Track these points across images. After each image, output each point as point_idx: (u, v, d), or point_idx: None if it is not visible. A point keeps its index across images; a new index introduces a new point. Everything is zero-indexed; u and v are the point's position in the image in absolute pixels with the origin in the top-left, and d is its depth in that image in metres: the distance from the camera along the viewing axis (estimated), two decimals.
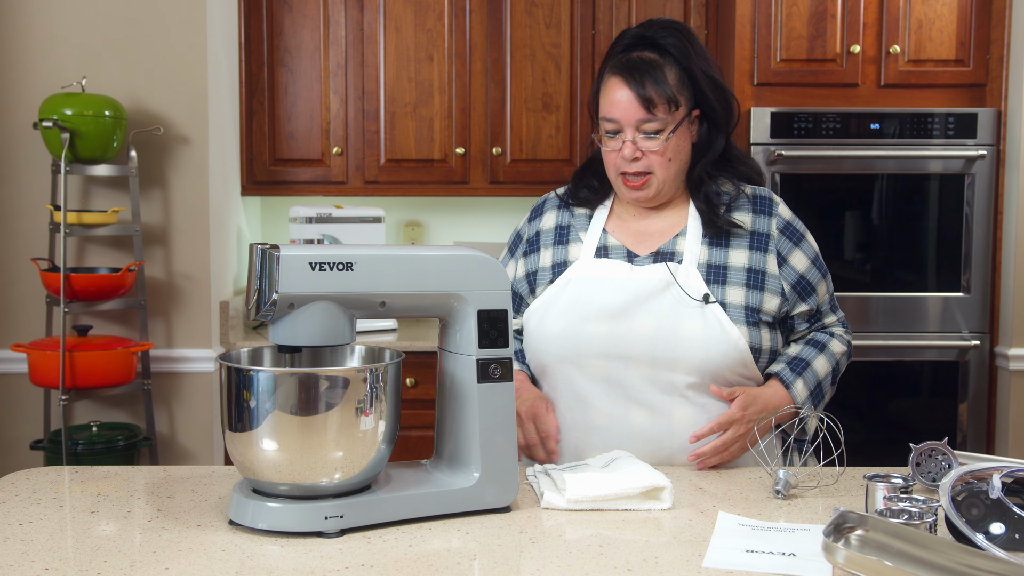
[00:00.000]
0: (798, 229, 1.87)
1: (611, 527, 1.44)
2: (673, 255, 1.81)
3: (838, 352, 1.90)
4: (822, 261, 1.90)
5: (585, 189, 1.91)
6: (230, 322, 3.35)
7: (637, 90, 1.75)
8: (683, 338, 1.74)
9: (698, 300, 1.75)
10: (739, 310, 1.78)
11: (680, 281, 1.76)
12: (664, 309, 1.75)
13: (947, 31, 3.33)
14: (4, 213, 3.17)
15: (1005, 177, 3.33)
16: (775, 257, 1.82)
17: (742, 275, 1.80)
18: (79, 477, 1.70)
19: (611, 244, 1.86)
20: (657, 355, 1.75)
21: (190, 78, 3.18)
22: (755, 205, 1.85)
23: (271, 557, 1.31)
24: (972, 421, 3.37)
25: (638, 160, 1.78)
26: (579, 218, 1.90)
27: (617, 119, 1.77)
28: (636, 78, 1.75)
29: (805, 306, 1.86)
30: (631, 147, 1.77)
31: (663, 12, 3.61)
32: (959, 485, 1.36)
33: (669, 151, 1.78)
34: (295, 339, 1.42)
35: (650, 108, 1.75)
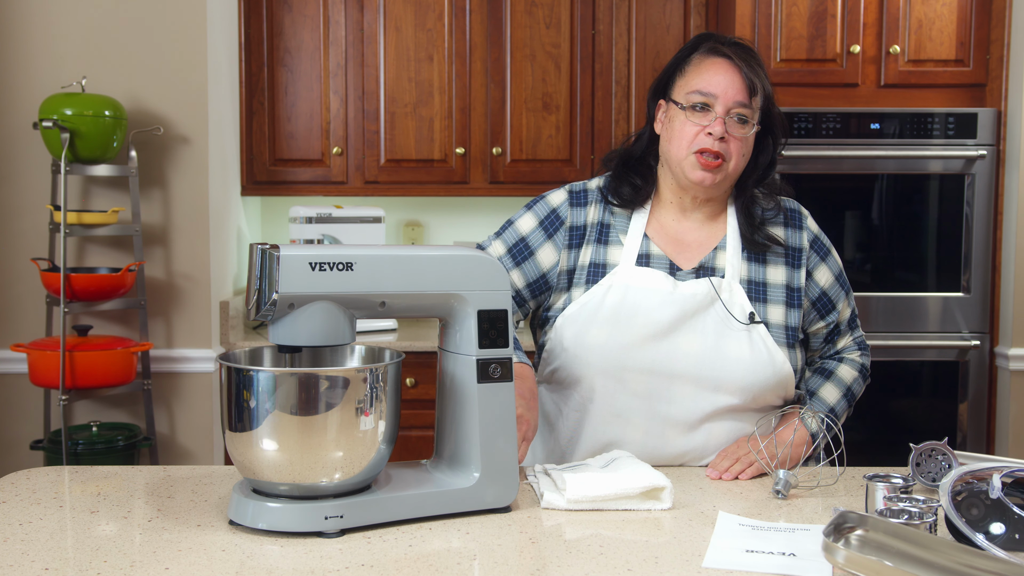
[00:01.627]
0: (825, 243, 1.87)
1: (611, 527, 1.44)
2: (715, 270, 1.79)
3: (847, 378, 1.88)
4: (845, 277, 1.88)
5: (628, 187, 1.83)
6: (230, 322, 3.35)
7: (745, 72, 1.72)
8: (729, 360, 1.73)
9: (744, 321, 1.74)
10: (780, 331, 1.77)
11: (725, 299, 1.75)
12: (709, 328, 1.73)
13: (947, 31, 3.33)
14: (4, 213, 3.17)
15: (1005, 177, 3.33)
16: (804, 272, 1.82)
17: (781, 292, 1.79)
18: (79, 477, 1.70)
19: (653, 252, 1.80)
20: (702, 375, 1.73)
21: (190, 78, 3.18)
22: (787, 219, 1.84)
23: (271, 557, 1.31)
24: (972, 421, 3.37)
25: (723, 141, 1.72)
26: (619, 218, 1.83)
27: (716, 94, 1.72)
28: (746, 60, 1.73)
29: (822, 323, 1.85)
30: (721, 124, 1.72)
31: (663, 13, 3.61)
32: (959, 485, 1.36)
33: (747, 145, 1.76)
34: (295, 339, 1.42)
35: (752, 94, 1.72)
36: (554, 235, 1.84)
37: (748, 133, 1.74)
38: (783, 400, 1.80)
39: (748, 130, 1.74)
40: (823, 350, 1.91)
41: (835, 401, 1.86)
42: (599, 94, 3.63)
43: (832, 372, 1.88)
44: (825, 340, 1.88)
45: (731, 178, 1.78)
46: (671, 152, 1.78)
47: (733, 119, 1.72)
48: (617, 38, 3.61)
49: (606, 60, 3.61)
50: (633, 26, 3.61)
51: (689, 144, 1.74)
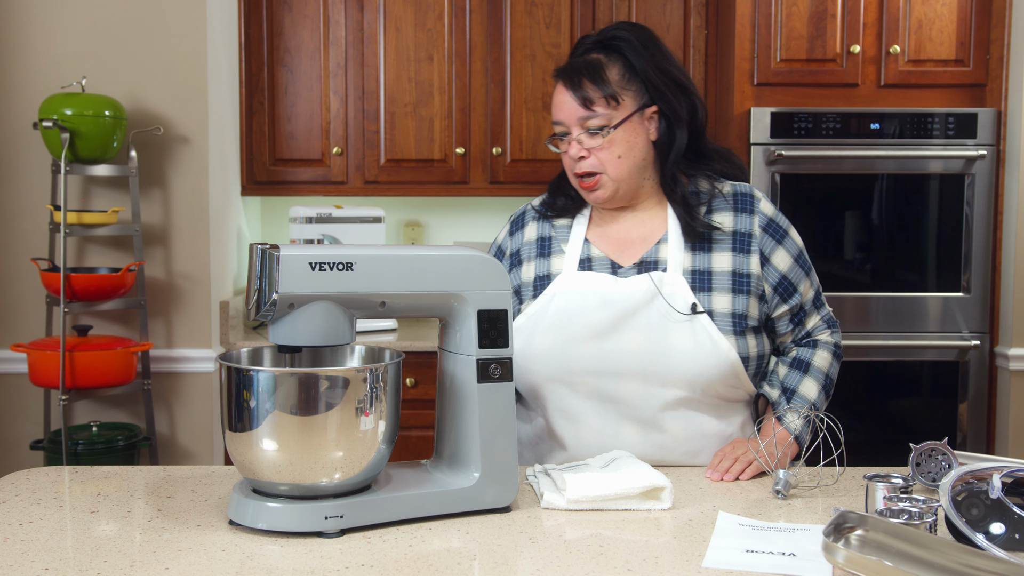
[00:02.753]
0: (781, 225, 1.84)
1: (611, 527, 1.44)
2: (657, 264, 1.79)
3: (824, 365, 1.87)
4: (806, 257, 1.86)
5: (562, 198, 1.90)
6: (230, 322, 3.35)
7: (574, 90, 1.76)
8: (673, 352, 1.73)
9: (685, 312, 1.73)
10: (726, 318, 1.75)
11: (665, 292, 1.74)
12: (652, 323, 1.74)
13: (947, 31, 3.33)
14: (4, 213, 3.17)
15: (1005, 177, 3.33)
16: (758, 257, 1.80)
17: (727, 280, 1.77)
18: (79, 477, 1.70)
19: (594, 255, 1.83)
20: (647, 370, 1.74)
21: (190, 78, 3.18)
22: (736, 203, 1.82)
23: (271, 557, 1.31)
24: (972, 421, 3.37)
25: (585, 159, 1.77)
26: (560, 229, 1.88)
27: (561, 120, 1.79)
28: (574, 79, 1.76)
29: (786, 307, 1.83)
30: (576, 145, 1.77)
31: (663, 12, 3.61)
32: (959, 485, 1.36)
33: (618, 147, 1.77)
34: (295, 339, 1.42)
35: (588, 105, 1.75)
36: None
37: (608, 138, 1.76)
38: (734, 389, 1.79)
39: (607, 135, 1.76)
40: (794, 333, 1.88)
41: (816, 395, 1.84)
42: None
43: (808, 364, 1.86)
44: (792, 323, 1.86)
45: (624, 181, 1.79)
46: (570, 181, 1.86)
47: (586, 134, 1.77)
48: None
49: None
50: None
51: (570, 172, 1.83)
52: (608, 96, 1.75)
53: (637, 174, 1.80)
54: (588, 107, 1.75)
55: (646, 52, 1.78)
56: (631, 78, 1.77)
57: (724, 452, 1.74)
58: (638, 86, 1.77)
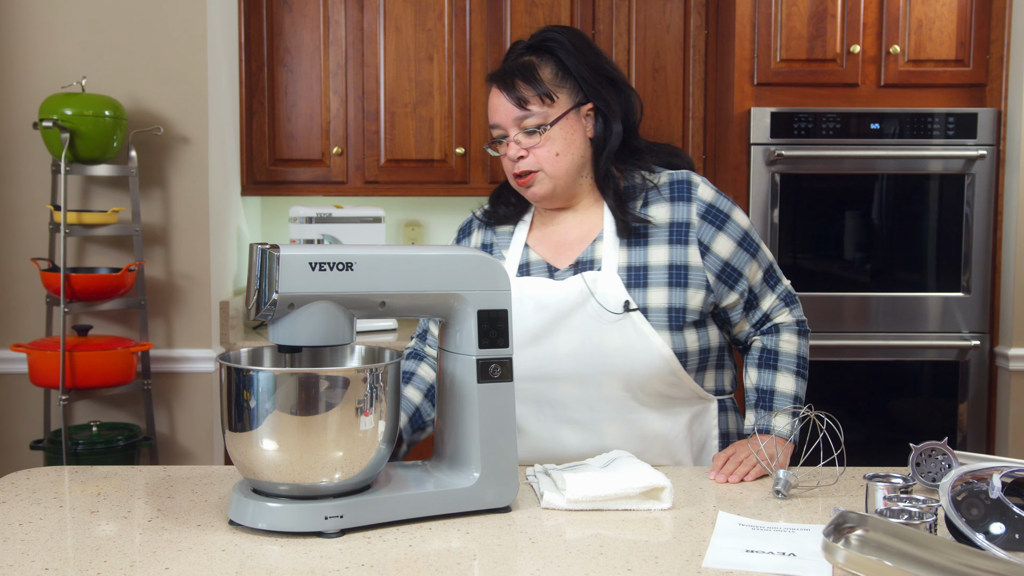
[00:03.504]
0: (721, 210, 1.79)
1: (611, 527, 1.44)
2: (592, 263, 1.78)
3: (791, 349, 1.83)
4: (752, 237, 1.81)
5: (503, 206, 1.91)
6: (230, 322, 3.35)
7: (508, 91, 1.77)
8: (607, 352, 1.72)
9: (616, 312, 1.72)
10: (662, 314, 1.73)
11: (599, 291, 1.73)
12: (585, 324, 1.73)
13: (947, 31, 3.33)
14: (4, 213, 3.17)
15: (1005, 177, 3.33)
16: (697, 248, 1.76)
17: (663, 274, 1.75)
18: (79, 477, 1.70)
19: (532, 259, 1.83)
20: (583, 372, 1.73)
21: (190, 78, 3.18)
22: (672, 193, 1.79)
23: (271, 557, 1.31)
24: (972, 421, 3.37)
25: (524, 158, 1.78)
26: (502, 236, 1.90)
27: (498, 123, 1.79)
28: (507, 81, 1.78)
29: (735, 294, 1.79)
30: (514, 146, 1.78)
31: (663, 12, 3.61)
32: (959, 485, 1.36)
33: (555, 145, 1.77)
34: (295, 339, 1.42)
35: (523, 105, 1.75)
36: None
37: (545, 135, 1.76)
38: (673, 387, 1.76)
39: (543, 133, 1.76)
40: (749, 319, 1.84)
41: (794, 386, 1.81)
42: None
43: (775, 353, 1.82)
44: (744, 309, 1.82)
45: (561, 178, 1.79)
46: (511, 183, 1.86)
47: (522, 134, 1.77)
48: (617, 38, 3.61)
49: None
50: (633, 26, 3.61)
51: (509, 173, 1.83)
52: (542, 94, 1.76)
53: (575, 171, 1.80)
54: (523, 107, 1.76)
55: (577, 52, 1.80)
56: (564, 76, 1.78)
57: (727, 454, 1.73)
58: (572, 84, 1.79)
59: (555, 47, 1.79)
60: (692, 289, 1.76)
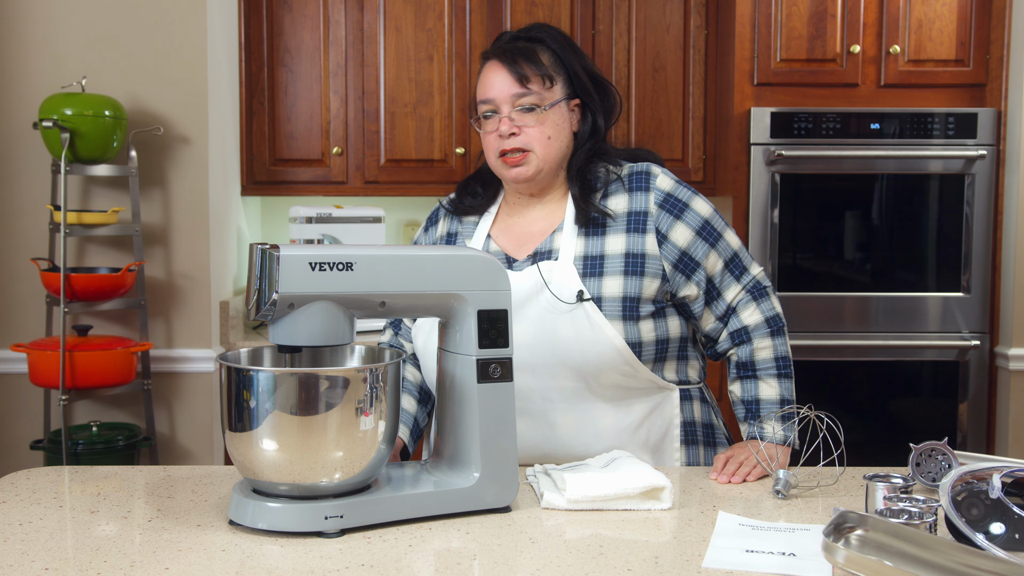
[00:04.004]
0: (680, 199, 1.78)
1: (611, 527, 1.44)
2: (550, 253, 1.78)
3: (767, 357, 1.80)
4: (714, 226, 1.78)
5: (469, 196, 1.91)
6: (230, 322, 3.35)
7: (510, 67, 1.77)
8: (559, 343, 1.71)
9: (569, 302, 1.71)
10: (615, 303, 1.72)
11: (554, 281, 1.73)
12: (539, 314, 1.73)
13: (947, 31, 3.33)
14: (4, 213, 3.17)
15: (1005, 177, 3.33)
16: (654, 236, 1.76)
17: (619, 263, 1.75)
18: (79, 477, 1.70)
19: (492, 250, 1.83)
20: (535, 362, 1.73)
21: (190, 78, 3.18)
22: (631, 183, 1.80)
23: (271, 557, 1.31)
24: (972, 421, 3.37)
25: (515, 136, 1.77)
26: (467, 225, 1.90)
27: (492, 98, 1.78)
28: (509, 57, 1.78)
29: (692, 285, 1.77)
30: (508, 122, 1.77)
31: (663, 12, 3.61)
32: (959, 485, 1.36)
33: (548, 128, 1.77)
34: (295, 339, 1.42)
35: (524, 83, 1.76)
36: None
37: (540, 117, 1.77)
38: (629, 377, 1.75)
39: (540, 114, 1.76)
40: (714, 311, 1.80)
41: (778, 391, 1.80)
42: None
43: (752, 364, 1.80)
44: (707, 301, 1.79)
45: (548, 163, 1.79)
46: (488, 162, 1.85)
47: (519, 111, 1.77)
48: (617, 38, 3.61)
49: (606, 60, 3.61)
50: (633, 26, 3.61)
51: (494, 152, 1.80)
52: (544, 76, 1.77)
53: (559, 160, 1.81)
54: (524, 84, 1.76)
55: (569, 47, 1.82)
56: (559, 66, 1.80)
57: (727, 455, 1.73)
58: (565, 76, 1.81)
59: (547, 40, 1.81)
60: (648, 278, 1.75)
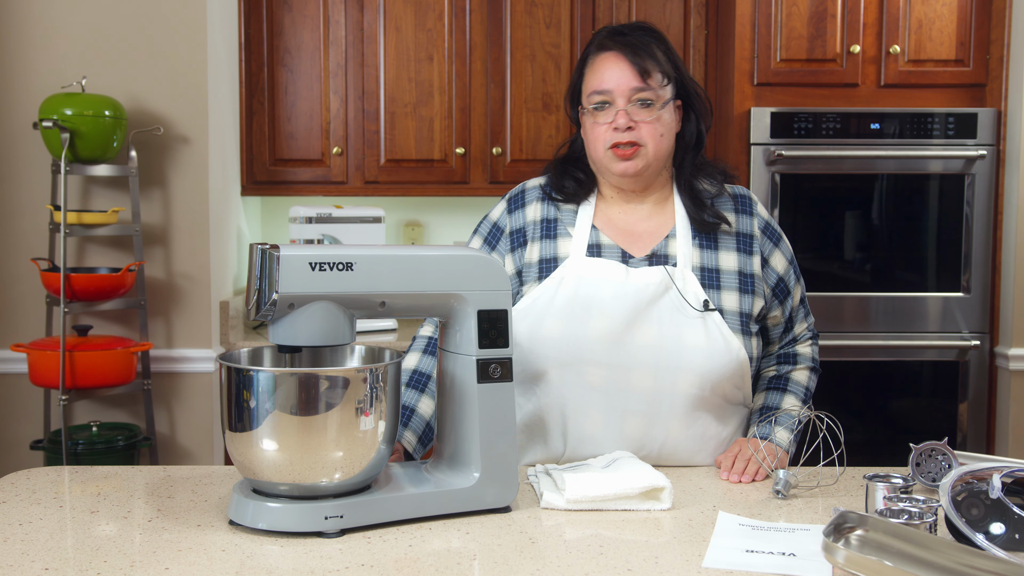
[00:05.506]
0: (777, 229, 1.87)
1: (611, 527, 1.44)
2: (667, 258, 1.78)
3: (802, 381, 1.89)
4: (796, 264, 1.90)
5: (571, 180, 1.85)
6: (230, 322, 3.35)
7: (632, 59, 1.74)
8: (686, 348, 1.72)
9: (698, 308, 1.73)
10: (735, 317, 1.76)
11: (679, 286, 1.74)
12: (665, 316, 1.72)
13: (947, 31, 3.33)
14: (4, 213, 3.17)
15: (1005, 177, 3.33)
16: (759, 258, 1.81)
17: (734, 279, 1.78)
18: (79, 477, 1.70)
19: (604, 242, 1.80)
20: (660, 364, 1.72)
21: (190, 78, 3.18)
22: (737, 204, 1.84)
23: (271, 557, 1.31)
24: (972, 421, 3.37)
25: (631, 130, 1.75)
26: (565, 212, 1.84)
27: (610, 89, 1.75)
28: (631, 48, 1.75)
29: (779, 310, 1.86)
30: (624, 116, 1.74)
31: (663, 12, 3.61)
32: (959, 485, 1.36)
33: (661, 126, 1.76)
34: (295, 339, 1.42)
35: (645, 77, 1.74)
36: (496, 246, 1.87)
37: (656, 114, 1.76)
38: (738, 390, 1.79)
39: (656, 111, 1.76)
40: (782, 339, 1.91)
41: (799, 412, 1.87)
42: None
43: (787, 380, 1.89)
44: (784, 329, 1.89)
45: (657, 160, 1.79)
46: (592, 154, 1.81)
47: (636, 105, 1.75)
48: None
49: None
50: None
51: (603, 143, 1.77)
52: (663, 73, 1.76)
53: (666, 159, 1.81)
54: (645, 79, 1.74)
55: (673, 49, 1.82)
56: (671, 67, 1.79)
57: (734, 453, 1.74)
58: (675, 77, 1.80)
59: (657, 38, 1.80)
60: (756, 297, 1.80)
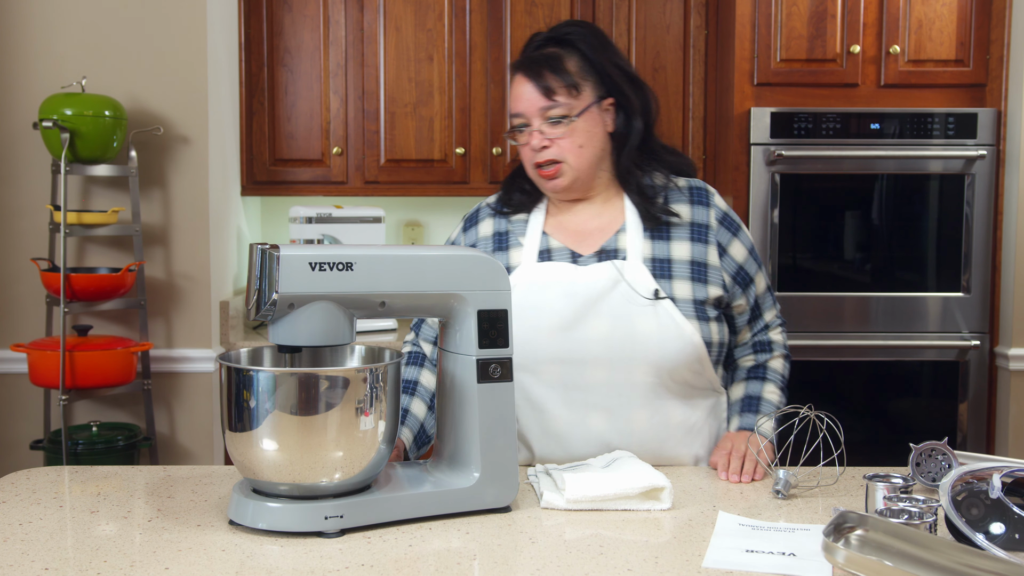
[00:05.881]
0: (735, 219, 1.88)
1: (611, 527, 1.44)
2: (617, 252, 1.80)
3: (778, 369, 1.92)
4: (757, 253, 1.90)
5: (518, 193, 1.91)
6: (230, 322, 3.35)
7: (535, 80, 1.78)
8: (638, 337, 1.73)
9: (648, 297, 1.74)
10: (688, 304, 1.77)
11: (628, 278, 1.75)
12: (616, 309, 1.74)
13: (947, 31, 3.33)
14: (4, 213, 3.17)
15: (1005, 177, 3.33)
16: (715, 248, 1.82)
17: (686, 268, 1.79)
18: (79, 477, 1.70)
19: (553, 246, 1.83)
20: (613, 356, 1.74)
21: (190, 78, 3.18)
22: (692, 196, 1.85)
23: (271, 557, 1.31)
24: (972, 421, 3.37)
25: (547, 148, 1.79)
26: (516, 223, 1.89)
27: (521, 112, 1.80)
28: (534, 70, 1.78)
29: (743, 299, 1.86)
30: (538, 136, 1.79)
31: (663, 12, 3.61)
32: (959, 485, 1.36)
33: (579, 137, 1.78)
34: (295, 339, 1.42)
35: (550, 95, 1.77)
36: None
37: (570, 127, 1.78)
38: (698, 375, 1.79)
39: (569, 124, 1.78)
40: (752, 328, 1.92)
41: (779, 399, 1.89)
42: None
43: (765, 369, 1.91)
44: (751, 317, 1.90)
45: (584, 170, 1.81)
46: (528, 173, 1.87)
47: (548, 124, 1.78)
48: (617, 38, 3.60)
49: None
50: (633, 26, 3.61)
51: (530, 164, 1.83)
52: (569, 86, 1.78)
53: (595, 165, 1.83)
54: (550, 97, 1.77)
55: (600, 46, 1.82)
56: (588, 70, 1.80)
57: (727, 451, 1.74)
58: (595, 78, 1.81)
59: (577, 40, 1.81)
60: (712, 286, 1.80)
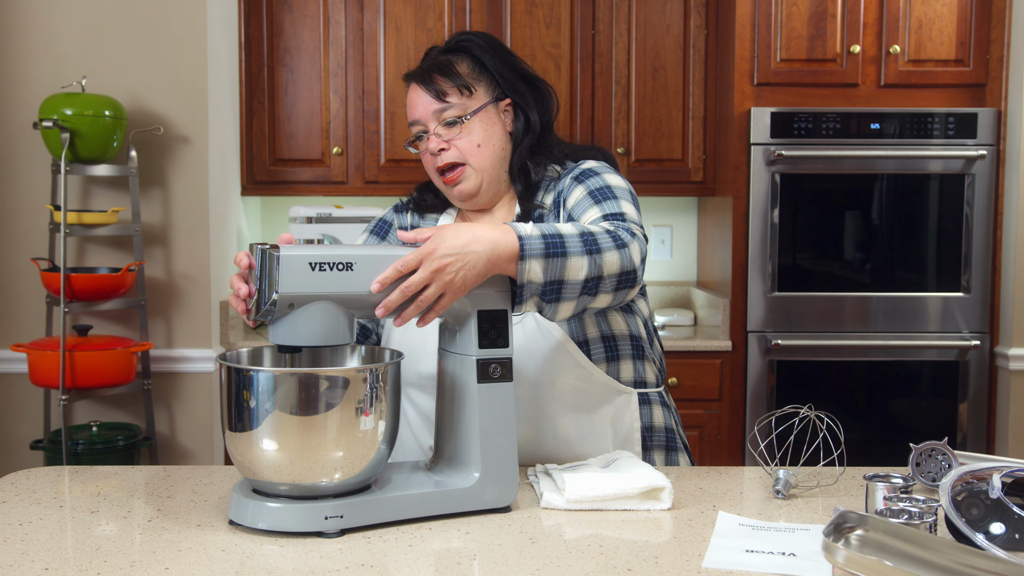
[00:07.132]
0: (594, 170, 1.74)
1: (611, 527, 1.44)
2: None
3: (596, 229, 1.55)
4: (612, 191, 1.69)
5: (431, 194, 1.91)
6: (230, 322, 3.35)
7: (426, 85, 1.79)
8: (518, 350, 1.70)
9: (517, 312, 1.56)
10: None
11: None
12: None
13: (947, 31, 3.33)
14: (4, 213, 3.17)
15: (1005, 177, 3.33)
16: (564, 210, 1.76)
17: None
18: (79, 477, 1.70)
19: None
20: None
21: (190, 78, 3.18)
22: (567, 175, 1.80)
23: (271, 557, 1.31)
24: (972, 421, 3.37)
25: (445, 151, 1.78)
26: (428, 221, 1.91)
27: (417, 118, 1.80)
28: (425, 77, 1.79)
29: None
30: (435, 139, 1.78)
31: (663, 12, 3.61)
32: (959, 485, 1.36)
33: (475, 136, 1.77)
34: (295, 339, 1.42)
35: (442, 97, 1.77)
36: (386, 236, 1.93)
37: (465, 126, 1.77)
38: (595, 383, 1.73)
39: (462, 125, 1.77)
40: None
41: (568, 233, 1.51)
42: (599, 94, 3.63)
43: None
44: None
45: (487, 171, 1.79)
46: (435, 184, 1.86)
47: (443, 126, 1.78)
48: (617, 38, 3.61)
49: (606, 60, 3.61)
50: (633, 26, 3.61)
51: (433, 171, 1.82)
52: (460, 86, 1.78)
53: (499, 165, 1.80)
54: (442, 99, 1.77)
55: (492, 50, 1.82)
56: (481, 71, 1.81)
57: (403, 289, 1.43)
58: (488, 79, 1.81)
59: (470, 47, 1.82)
60: None
